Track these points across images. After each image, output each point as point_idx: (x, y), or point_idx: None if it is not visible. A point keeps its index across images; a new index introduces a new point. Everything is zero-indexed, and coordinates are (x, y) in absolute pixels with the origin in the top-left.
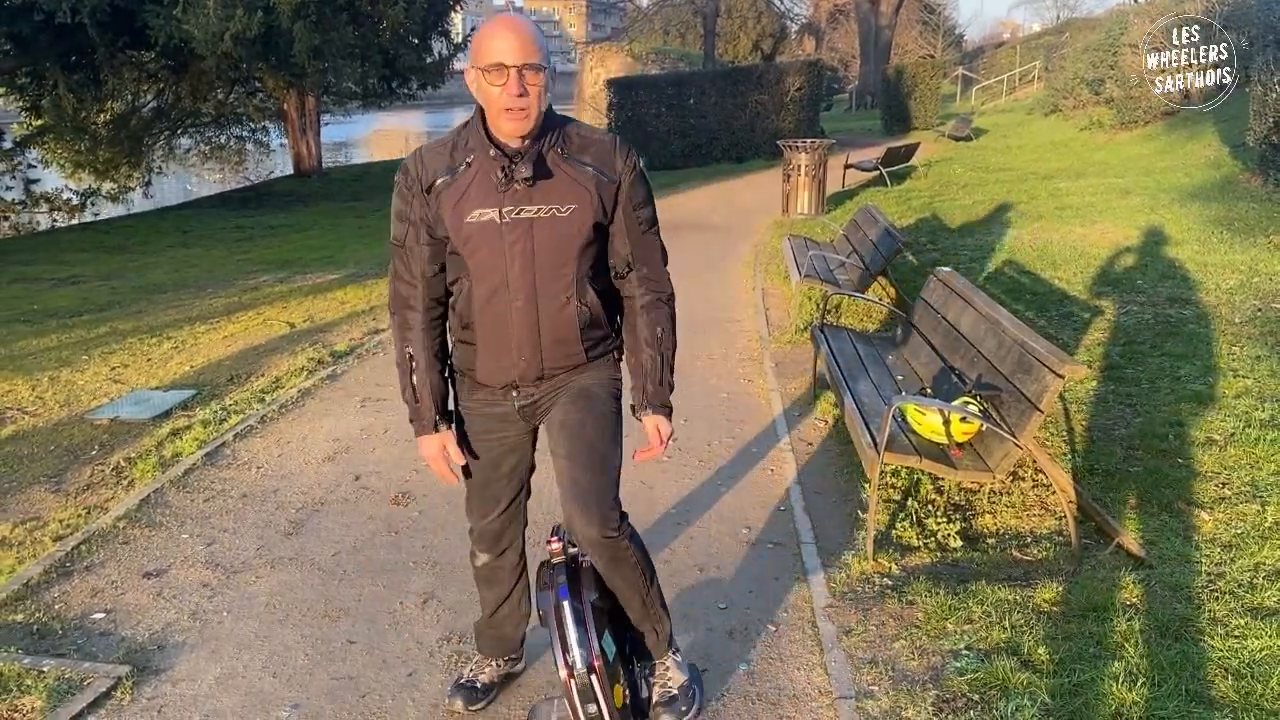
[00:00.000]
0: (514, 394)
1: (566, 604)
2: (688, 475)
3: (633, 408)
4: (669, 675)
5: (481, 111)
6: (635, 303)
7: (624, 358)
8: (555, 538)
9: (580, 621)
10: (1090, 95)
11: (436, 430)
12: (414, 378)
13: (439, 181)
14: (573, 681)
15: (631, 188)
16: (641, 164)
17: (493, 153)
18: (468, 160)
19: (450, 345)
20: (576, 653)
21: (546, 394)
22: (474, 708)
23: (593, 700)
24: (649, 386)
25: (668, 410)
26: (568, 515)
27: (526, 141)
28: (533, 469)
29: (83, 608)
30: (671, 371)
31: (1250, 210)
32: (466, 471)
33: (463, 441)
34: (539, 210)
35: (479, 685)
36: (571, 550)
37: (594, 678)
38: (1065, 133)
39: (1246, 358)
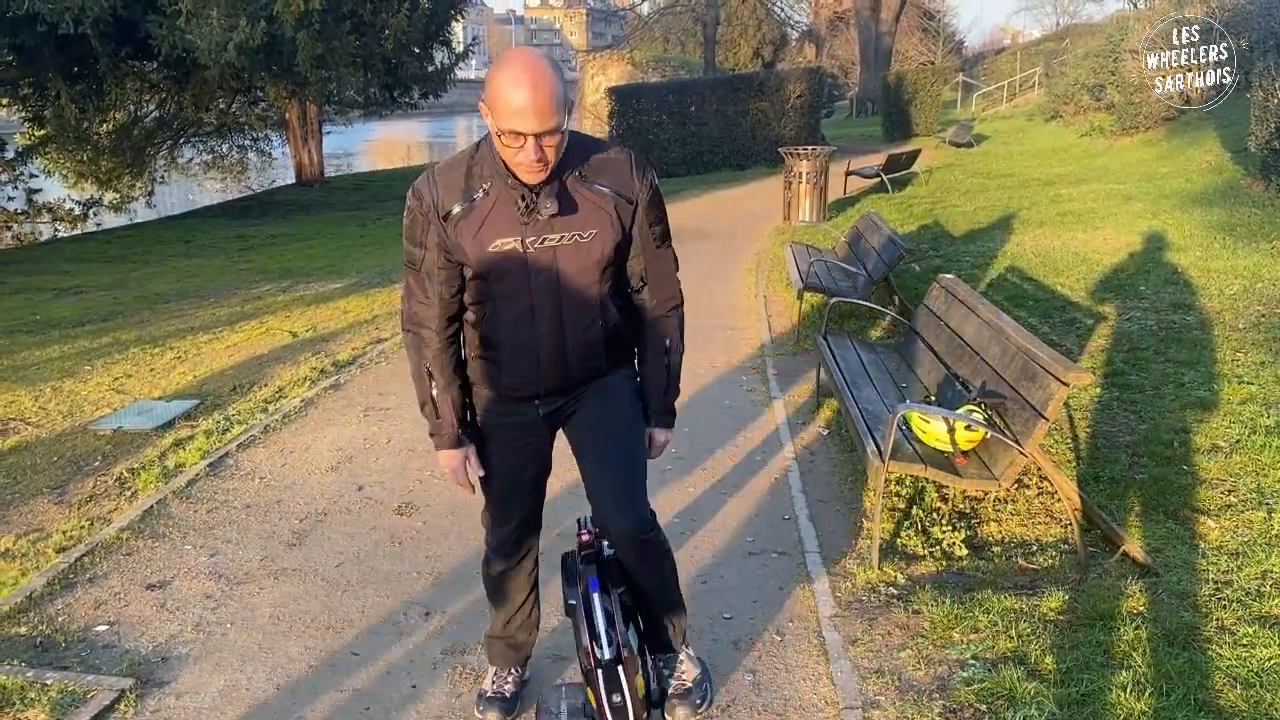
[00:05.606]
0: (537, 402)
1: (596, 596)
2: (691, 485)
3: None
4: (683, 668)
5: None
6: (646, 314)
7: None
8: (585, 530)
9: (609, 613)
10: (1091, 101)
11: (459, 445)
12: (434, 394)
13: (456, 210)
14: (600, 672)
15: (648, 207)
16: (656, 180)
17: (510, 182)
18: (484, 187)
19: (465, 357)
20: (605, 643)
21: (570, 399)
22: (511, 718)
23: (619, 690)
24: (654, 398)
25: (670, 419)
26: (602, 513)
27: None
28: (549, 472)
29: (86, 620)
30: (677, 380)
31: (1253, 215)
32: (485, 480)
33: (483, 451)
34: (562, 238)
35: (508, 695)
36: (599, 543)
37: (621, 668)
38: (1066, 139)
39: (1251, 364)
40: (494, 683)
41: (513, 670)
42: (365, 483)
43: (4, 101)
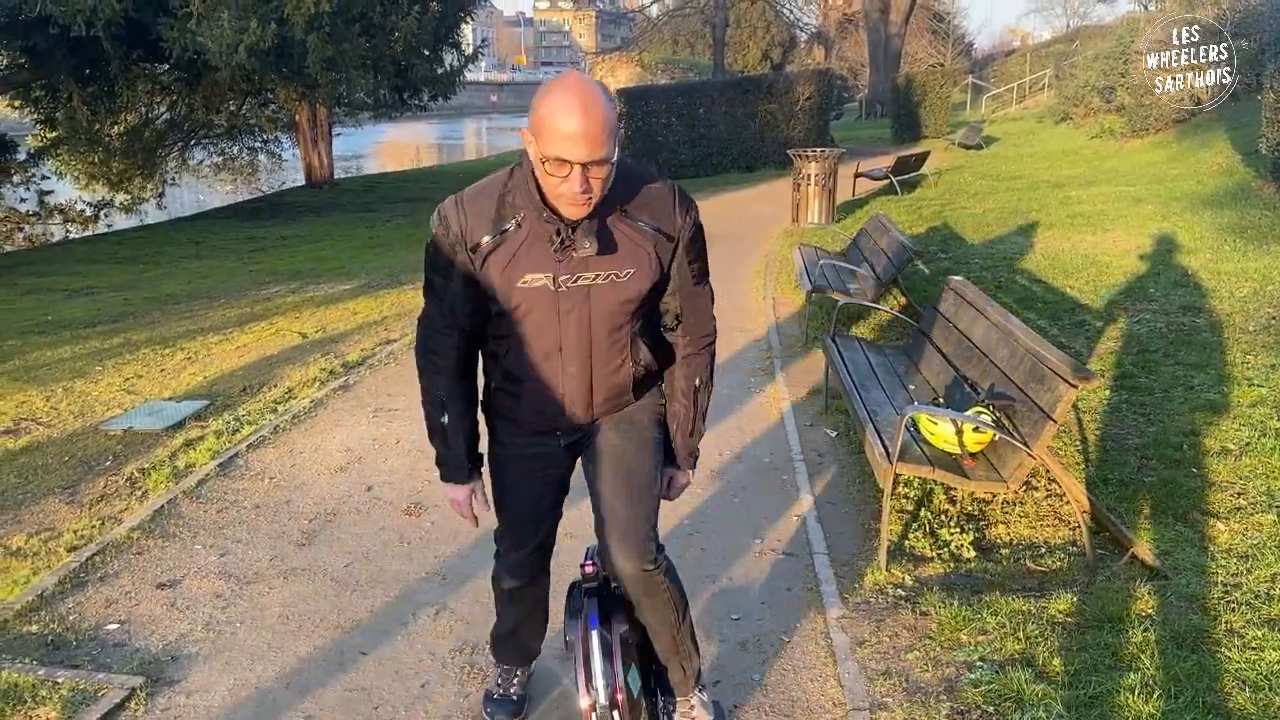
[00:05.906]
0: (559, 433)
1: (595, 634)
2: (699, 486)
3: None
4: (694, 714)
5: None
6: (678, 351)
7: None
8: (590, 561)
9: (607, 653)
10: (1101, 103)
11: (468, 480)
12: (445, 423)
13: (485, 241)
14: (593, 714)
15: (689, 245)
16: (699, 216)
17: (545, 215)
18: (516, 219)
19: (483, 388)
20: (600, 685)
21: (592, 429)
22: None
23: None
24: (679, 439)
25: (693, 461)
26: (603, 545)
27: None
28: (566, 493)
29: (97, 619)
30: (704, 419)
31: (1263, 218)
32: (501, 506)
33: (501, 480)
34: (596, 276)
35: (515, 696)
36: (604, 575)
37: (615, 713)
38: (1076, 141)
39: (1261, 366)
40: (500, 684)
41: (518, 671)
42: (374, 483)
43: (16, 103)
